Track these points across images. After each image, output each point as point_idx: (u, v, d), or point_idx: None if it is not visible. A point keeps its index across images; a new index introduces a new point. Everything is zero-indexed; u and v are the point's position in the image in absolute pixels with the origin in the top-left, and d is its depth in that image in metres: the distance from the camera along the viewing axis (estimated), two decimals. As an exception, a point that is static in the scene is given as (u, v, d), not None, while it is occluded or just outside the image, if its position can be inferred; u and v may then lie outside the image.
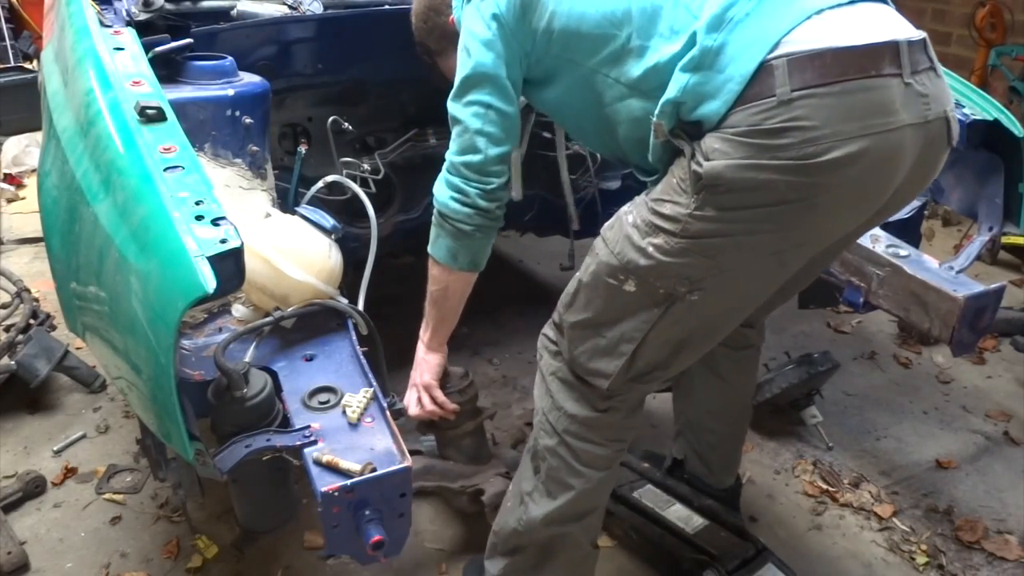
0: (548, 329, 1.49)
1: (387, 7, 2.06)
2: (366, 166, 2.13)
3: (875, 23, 1.18)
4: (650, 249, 1.22)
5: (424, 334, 1.67)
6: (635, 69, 1.24)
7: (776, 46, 1.11)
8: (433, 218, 1.46)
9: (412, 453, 1.88)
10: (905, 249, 1.84)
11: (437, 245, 1.47)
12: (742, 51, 1.12)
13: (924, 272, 1.77)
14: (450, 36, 1.51)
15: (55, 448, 2.21)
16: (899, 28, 1.19)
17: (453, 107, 1.40)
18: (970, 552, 1.93)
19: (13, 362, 2.25)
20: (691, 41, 1.15)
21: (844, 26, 1.14)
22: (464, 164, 1.38)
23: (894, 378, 2.68)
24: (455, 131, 1.40)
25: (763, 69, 1.10)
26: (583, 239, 2.71)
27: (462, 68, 1.38)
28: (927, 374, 2.70)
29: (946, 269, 1.78)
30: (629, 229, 1.26)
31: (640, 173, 1.39)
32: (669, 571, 1.78)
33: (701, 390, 1.81)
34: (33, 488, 2.02)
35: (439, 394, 1.71)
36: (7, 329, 2.37)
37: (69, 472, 2.12)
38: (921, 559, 1.90)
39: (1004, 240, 3.32)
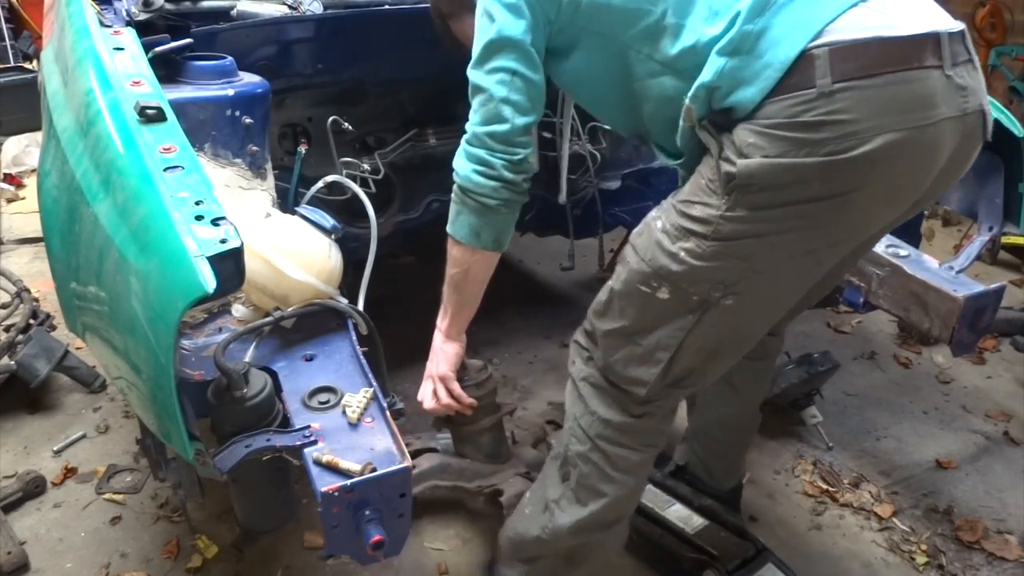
0: (580, 336, 1.45)
1: (387, 7, 2.06)
2: (366, 166, 2.13)
3: (918, 13, 1.14)
4: (682, 254, 1.20)
5: (442, 321, 1.58)
6: (671, 47, 1.20)
7: (819, 34, 1.07)
8: (453, 195, 1.40)
9: (426, 451, 1.86)
10: (905, 249, 1.84)
11: (458, 223, 1.40)
12: (784, 37, 1.08)
13: (924, 272, 1.77)
14: (462, 1, 1.46)
15: (55, 448, 2.21)
16: (940, 18, 1.16)
17: (475, 75, 1.34)
18: (970, 552, 1.93)
19: (13, 362, 2.25)
20: (732, 23, 1.11)
21: (888, 15, 1.11)
22: (489, 134, 1.32)
23: (894, 378, 2.68)
24: (477, 100, 1.34)
25: (804, 58, 1.07)
26: (583, 239, 2.71)
27: (484, 33, 1.31)
28: (927, 374, 2.70)
29: (946, 269, 1.79)
30: (659, 235, 1.24)
31: (661, 153, 1.36)
32: (669, 571, 1.78)
33: (712, 399, 1.78)
34: (33, 488, 2.02)
35: (456, 387, 1.63)
36: (7, 329, 2.37)
37: (69, 472, 2.12)
38: (921, 559, 1.90)
39: (1004, 240, 3.32)
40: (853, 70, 1.06)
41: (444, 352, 1.60)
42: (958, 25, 1.16)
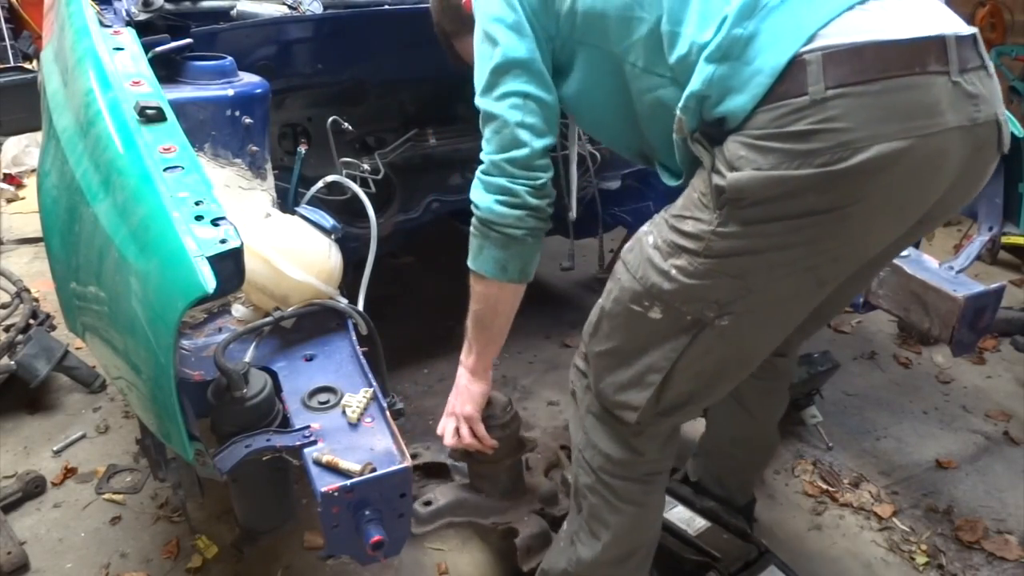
0: (578, 360, 1.41)
1: (387, 7, 2.06)
2: (366, 166, 2.13)
3: (920, 16, 1.08)
4: (673, 272, 1.15)
5: (467, 359, 1.52)
6: (668, 56, 1.14)
7: (812, 38, 1.02)
8: (473, 229, 1.35)
9: (436, 465, 1.82)
10: (905, 249, 1.84)
11: (482, 258, 1.34)
12: (773, 42, 1.03)
13: (924, 272, 1.78)
14: (464, 19, 1.43)
15: (55, 448, 2.21)
16: (947, 22, 1.09)
17: (485, 103, 1.29)
18: (970, 552, 1.93)
19: (13, 362, 2.25)
20: (719, 28, 1.06)
21: (887, 18, 1.05)
22: (508, 161, 1.27)
23: (894, 378, 2.68)
24: (490, 128, 1.29)
25: (795, 63, 1.01)
26: (583, 239, 2.71)
27: (488, 58, 1.27)
28: (927, 374, 2.70)
29: (946, 269, 1.79)
30: (650, 251, 1.19)
31: (665, 174, 1.32)
32: (671, 573, 1.78)
33: (724, 421, 1.75)
34: (33, 488, 2.02)
35: (480, 428, 1.58)
36: (7, 329, 2.37)
37: (69, 472, 2.12)
38: (921, 559, 1.90)
39: (1004, 240, 3.32)
40: (848, 75, 1.00)
41: (470, 392, 1.55)
42: (968, 29, 1.10)
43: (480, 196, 1.32)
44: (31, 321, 2.44)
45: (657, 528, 1.51)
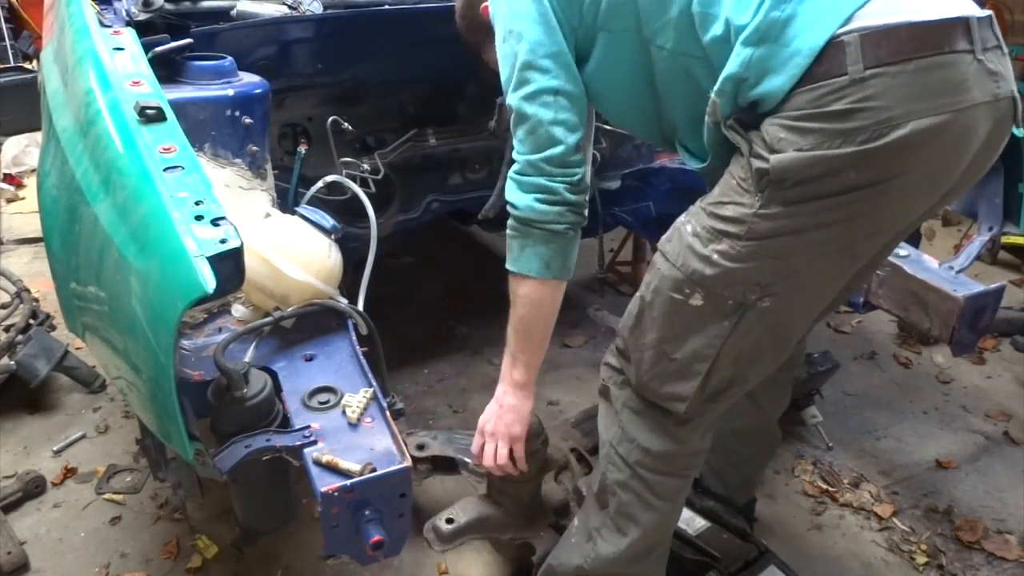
0: (611, 357, 1.42)
1: (387, 7, 2.06)
2: (366, 166, 2.13)
3: None
4: (715, 256, 1.17)
5: (513, 373, 1.45)
6: (700, 38, 1.17)
7: (848, 20, 1.05)
8: (511, 230, 1.34)
9: (444, 460, 1.80)
10: (905, 249, 1.84)
11: (524, 258, 1.33)
12: (812, 23, 1.06)
13: (924, 272, 1.77)
14: (485, 28, 1.44)
15: (55, 448, 2.21)
16: (967, 3, 1.14)
17: (516, 102, 1.30)
18: (970, 552, 1.93)
19: (13, 362, 2.26)
20: (757, 11, 1.09)
21: (916, 0, 1.09)
22: (545, 160, 1.28)
23: (894, 378, 2.68)
24: (523, 128, 1.29)
25: (833, 44, 1.05)
26: (583, 239, 2.71)
27: (514, 55, 1.28)
28: (927, 374, 2.70)
29: (946, 269, 1.79)
30: (690, 239, 1.21)
31: (686, 154, 1.34)
32: (671, 573, 1.78)
33: (730, 412, 1.71)
34: (33, 488, 2.03)
35: (520, 451, 1.49)
36: (7, 329, 2.37)
37: (69, 472, 2.12)
38: (921, 559, 1.90)
39: (1004, 240, 3.32)
40: (885, 55, 1.04)
41: (518, 411, 1.47)
42: (985, 11, 1.14)
43: (517, 196, 1.32)
44: (31, 321, 2.44)
45: (674, 525, 1.51)
